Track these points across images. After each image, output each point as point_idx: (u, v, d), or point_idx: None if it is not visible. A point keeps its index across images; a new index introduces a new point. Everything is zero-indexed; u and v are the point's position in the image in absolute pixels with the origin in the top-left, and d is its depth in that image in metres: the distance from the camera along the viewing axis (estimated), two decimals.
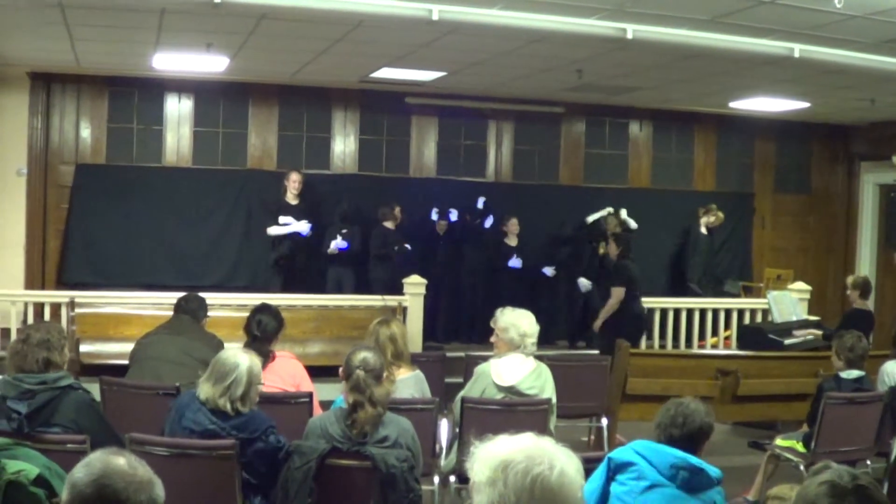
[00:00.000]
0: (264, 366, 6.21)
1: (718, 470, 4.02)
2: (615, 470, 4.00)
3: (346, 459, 4.74)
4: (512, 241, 12.83)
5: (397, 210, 12.33)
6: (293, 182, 11.87)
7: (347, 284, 12.01)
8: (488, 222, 13.00)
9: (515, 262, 12.71)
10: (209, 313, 7.42)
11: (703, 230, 13.65)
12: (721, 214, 13.70)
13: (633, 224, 13.20)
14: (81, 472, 2.52)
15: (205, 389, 4.91)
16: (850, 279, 10.13)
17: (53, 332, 5.04)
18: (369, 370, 4.81)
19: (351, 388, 4.79)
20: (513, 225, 12.83)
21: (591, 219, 13.37)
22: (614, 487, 3.91)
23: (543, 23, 8.19)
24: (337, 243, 11.88)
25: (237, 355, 5.02)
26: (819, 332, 10.52)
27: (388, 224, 12.19)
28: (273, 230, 11.76)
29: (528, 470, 2.31)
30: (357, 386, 4.76)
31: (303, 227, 11.75)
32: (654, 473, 3.89)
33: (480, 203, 13.12)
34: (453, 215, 12.95)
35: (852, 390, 7.01)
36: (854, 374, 7.08)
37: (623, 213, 13.34)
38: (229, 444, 4.72)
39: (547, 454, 2.36)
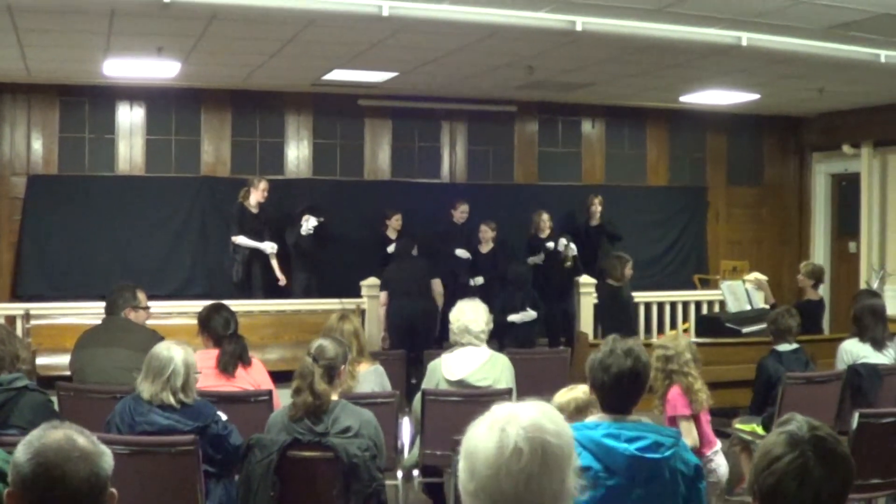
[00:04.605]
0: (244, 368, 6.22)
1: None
2: None
3: (308, 451, 4.74)
4: (485, 249, 12.24)
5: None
6: (261, 191, 11.63)
7: (315, 289, 11.94)
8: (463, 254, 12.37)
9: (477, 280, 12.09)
10: (175, 321, 7.29)
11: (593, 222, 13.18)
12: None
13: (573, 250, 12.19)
14: (20, 451, 2.50)
15: (146, 389, 4.94)
16: (804, 266, 9.90)
17: (10, 330, 5.01)
18: (323, 358, 4.82)
19: (297, 374, 4.80)
20: (484, 231, 12.23)
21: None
22: None
23: (493, 17, 8.21)
24: (311, 223, 11.70)
25: (170, 348, 5.07)
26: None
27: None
28: (240, 240, 11.54)
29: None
30: (301, 372, 4.78)
31: (268, 247, 11.66)
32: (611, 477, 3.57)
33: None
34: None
35: (793, 361, 7.18)
36: (789, 347, 7.28)
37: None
38: (189, 439, 4.72)
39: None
